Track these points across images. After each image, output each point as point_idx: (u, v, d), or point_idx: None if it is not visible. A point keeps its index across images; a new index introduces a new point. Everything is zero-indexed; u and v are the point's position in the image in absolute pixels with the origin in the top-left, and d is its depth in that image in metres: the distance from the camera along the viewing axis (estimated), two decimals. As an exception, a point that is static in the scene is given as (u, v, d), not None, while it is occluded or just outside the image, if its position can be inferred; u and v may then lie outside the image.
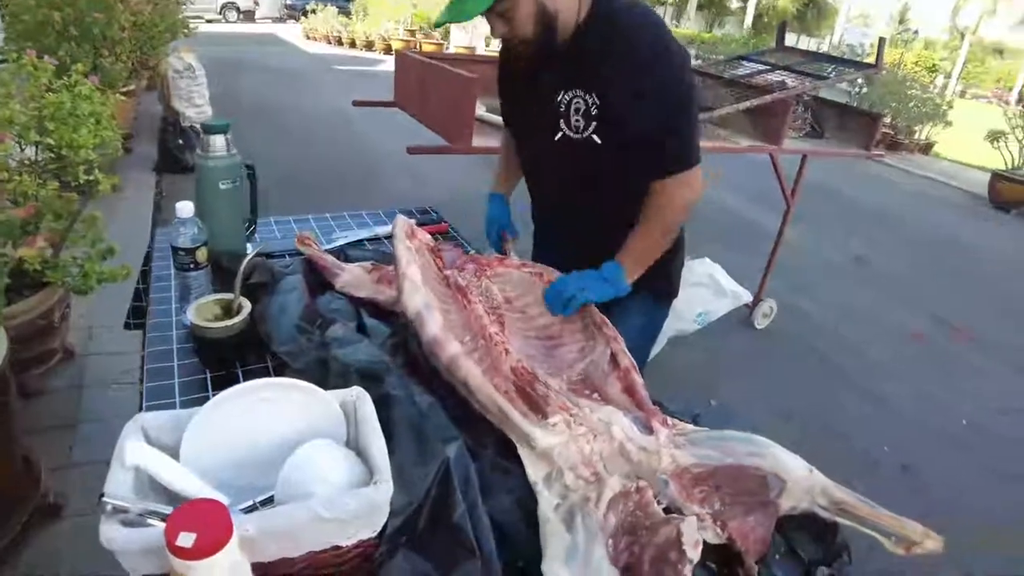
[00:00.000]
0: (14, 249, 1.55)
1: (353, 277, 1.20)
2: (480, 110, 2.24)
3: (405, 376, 0.94)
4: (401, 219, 1.18)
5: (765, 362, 3.35)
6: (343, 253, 1.42)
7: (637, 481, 0.84)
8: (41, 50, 3.45)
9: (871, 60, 3.28)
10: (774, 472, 0.87)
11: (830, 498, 0.88)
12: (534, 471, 0.84)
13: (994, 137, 7.42)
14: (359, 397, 0.79)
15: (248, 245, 1.52)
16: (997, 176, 7.41)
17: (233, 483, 0.75)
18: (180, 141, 4.61)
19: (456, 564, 0.69)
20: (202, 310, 1.09)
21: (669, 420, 0.94)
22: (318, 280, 1.30)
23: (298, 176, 4.95)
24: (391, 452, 0.77)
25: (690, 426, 0.96)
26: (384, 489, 0.67)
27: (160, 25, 4.76)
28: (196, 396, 1.04)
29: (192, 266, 1.21)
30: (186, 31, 5.57)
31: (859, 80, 8.88)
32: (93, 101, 2.06)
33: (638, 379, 1.01)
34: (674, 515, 0.80)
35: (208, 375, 1.10)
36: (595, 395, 1.01)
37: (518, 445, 0.86)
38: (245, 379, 1.11)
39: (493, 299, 1.17)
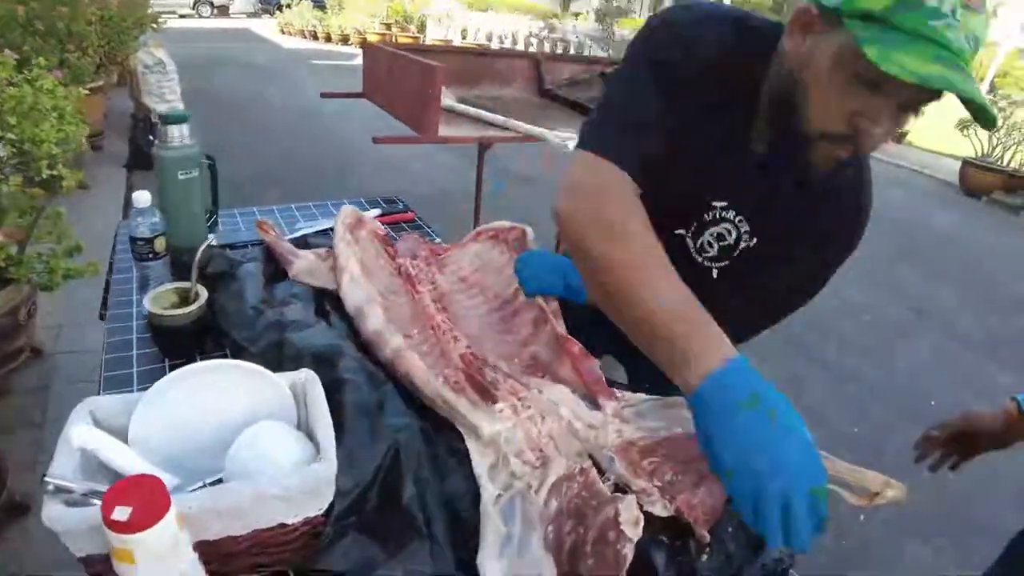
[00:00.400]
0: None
1: (308, 264, 1.20)
2: (449, 100, 2.25)
3: (361, 360, 0.94)
4: (345, 209, 1.18)
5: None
6: (305, 242, 1.42)
7: (582, 463, 0.85)
8: (5, 45, 3.41)
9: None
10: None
11: None
12: (480, 461, 0.83)
13: (964, 125, 7.54)
14: (308, 379, 0.80)
15: (211, 236, 1.51)
16: (967, 164, 7.55)
17: (183, 465, 0.76)
18: (151, 137, 4.54)
19: (404, 546, 0.70)
20: (159, 299, 1.09)
21: (617, 392, 0.95)
22: (277, 268, 1.30)
23: (274, 171, 4.92)
24: (341, 434, 0.77)
25: (639, 395, 0.96)
26: (327, 466, 0.68)
27: (128, 20, 4.70)
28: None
29: (150, 256, 1.20)
30: (155, 25, 5.50)
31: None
32: (56, 96, 2.03)
33: (587, 358, 1.02)
34: (618, 495, 0.81)
35: (167, 363, 1.10)
36: (547, 377, 1.02)
37: (465, 436, 0.87)
38: (204, 368, 1.12)
39: (442, 286, 1.18)
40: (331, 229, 1.61)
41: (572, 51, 13.15)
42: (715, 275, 1.02)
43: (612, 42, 13.28)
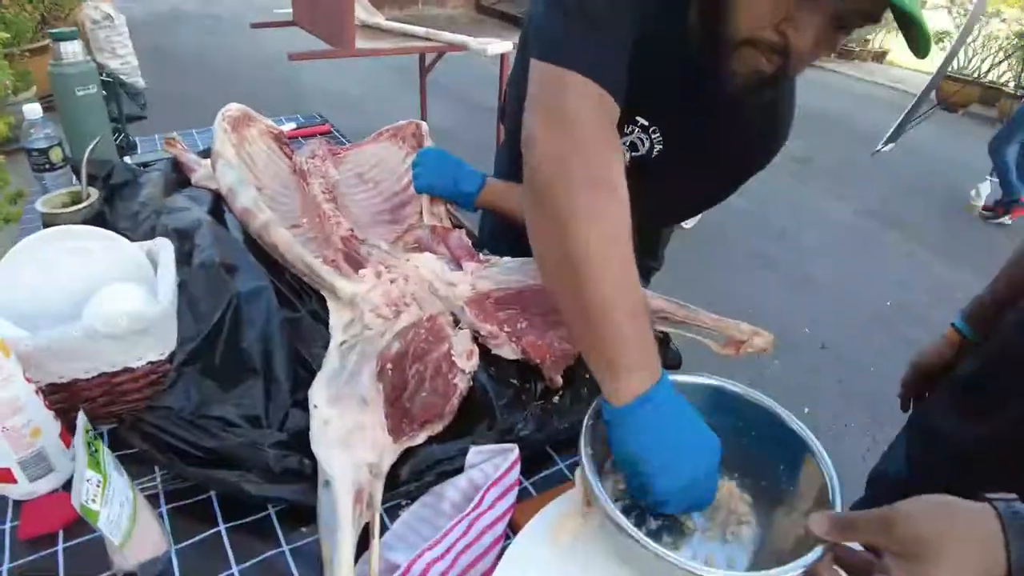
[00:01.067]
0: None
1: (209, 171, 1.23)
2: (376, 18, 2.23)
3: (224, 231, 0.98)
4: (230, 105, 1.20)
5: (693, 256, 3.37)
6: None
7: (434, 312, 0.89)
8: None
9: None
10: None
11: (650, 308, 0.88)
12: (336, 320, 0.86)
13: (939, 38, 7.42)
14: (162, 246, 0.84)
15: (126, 158, 1.54)
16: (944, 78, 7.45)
17: (41, 325, 0.80)
18: (104, 94, 4.49)
19: (238, 384, 0.75)
20: (52, 201, 1.12)
21: (482, 256, 0.98)
22: (183, 180, 1.33)
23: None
24: (187, 290, 0.82)
25: (505, 258, 1.00)
26: (159, 307, 0.72)
27: (67, -29, 4.57)
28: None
29: (47, 167, 1.23)
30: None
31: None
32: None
33: (455, 232, 1.04)
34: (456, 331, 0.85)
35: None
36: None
37: (327, 299, 0.90)
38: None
39: (332, 177, 1.21)
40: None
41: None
42: None
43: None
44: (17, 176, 2.28)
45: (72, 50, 1.31)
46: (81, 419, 0.56)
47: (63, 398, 0.73)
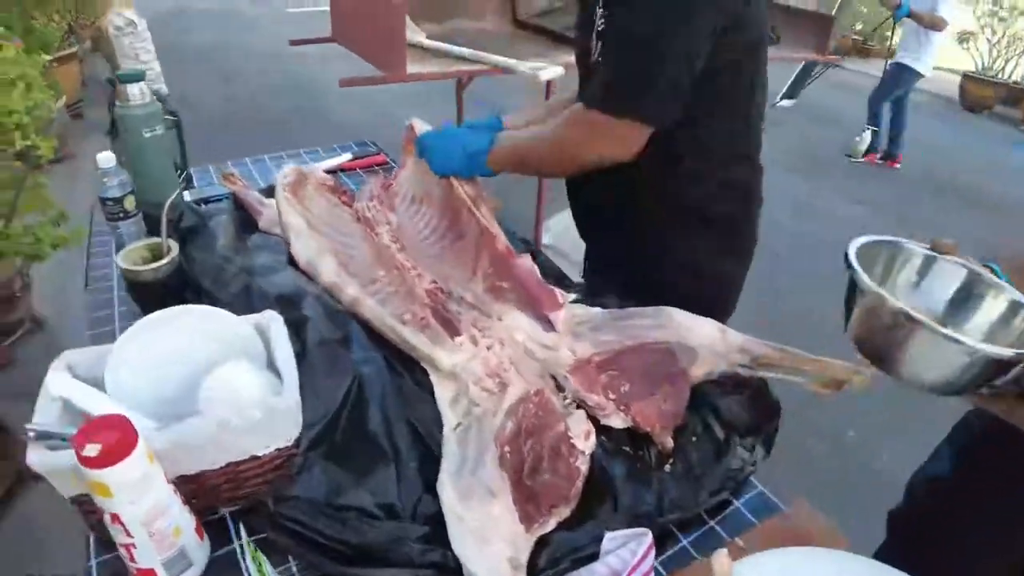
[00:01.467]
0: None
1: (274, 214, 1.22)
2: (418, 36, 2.20)
3: (324, 300, 0.97)
4: (284, 170, 1.18)
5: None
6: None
7: (542, 384, 0.88)
8: (-31, 15, 3.34)
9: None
10: (680, 342, 0.88)
11: (750, 355, 0.88)
12: (442, 393, 0.86)
13: (963, 38, 7.32)
14: (272, 319, 0.83)
15: (186, 194, 1.53)
16: (967, 78, 7.34)
17: (159, 408, 0.79)
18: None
19: (371, 471, 0.74)
20: (131, 255, 1.11)
21: (562, 294, 0.96)
22: (248, 217, 1.32)
23: (251, 120, 4.90)
24: (304, 369, 0.81)
25: (593, 309, 0.99)
26: (287, 397, 0.71)
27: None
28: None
29: (122, 215, 1.22)
30: (123, -13, 5.34)
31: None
32: (21, 64, 2.01)
33: (524, 263, 1.02)
34: (571, 410, 0.84)
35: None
36: (505, 297, 1.02)
37: (429, 371, 0.90)
38: (181, 319, 1.16)
39: (395, 221, 1.20)
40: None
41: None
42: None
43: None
44: (60, 191, 2.27)
45: (139, 91, 1.30)
46: (247, 546, 0.55)
47: (190, 490, 0.72)
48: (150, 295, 1.12)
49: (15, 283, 2.28)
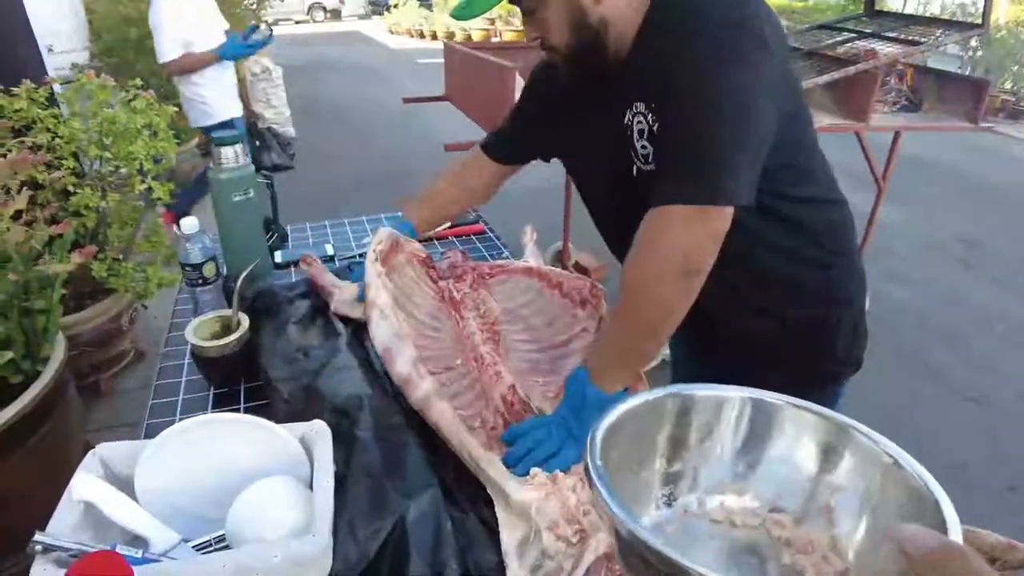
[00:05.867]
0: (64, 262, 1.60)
1: (350, 296, 1.14)
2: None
3: (385, 408, 0.86)
4: (380, 233, 1.10)
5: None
6: (349, 268, 1.34)
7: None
8: (121, 63, 3.65)
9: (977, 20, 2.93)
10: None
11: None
12: (508, 535, 0.73)
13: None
14: (320, 434, 0.73)
15: (277, 254, 1.51)
16: None
17: (188, 514, 0.72)
18: (258, 143, 4.76)
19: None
20: (202, 327, 1.07)
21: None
22: (320, 303, 1.24)
23: (365, 176, 5.04)
24: (345, 502, 0.70)
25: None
26: (317, 542, 0.61)
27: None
28: (197, 413, 1.03)
29: (200, 282, 1.19)
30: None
31: (973, 43, 8.02)
32: (148, 114, 2.12)
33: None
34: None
35: (211, 392, 1.08)
36: None
37: (495, 501, 0.77)
38: (247, 397, 1.09)
39: (490, 313, 1.08)
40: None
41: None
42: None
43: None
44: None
45: (233, 154, 1.28)
46: None
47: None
48: (215, 370, 1.08)
49: (123, 317, 2.38)
